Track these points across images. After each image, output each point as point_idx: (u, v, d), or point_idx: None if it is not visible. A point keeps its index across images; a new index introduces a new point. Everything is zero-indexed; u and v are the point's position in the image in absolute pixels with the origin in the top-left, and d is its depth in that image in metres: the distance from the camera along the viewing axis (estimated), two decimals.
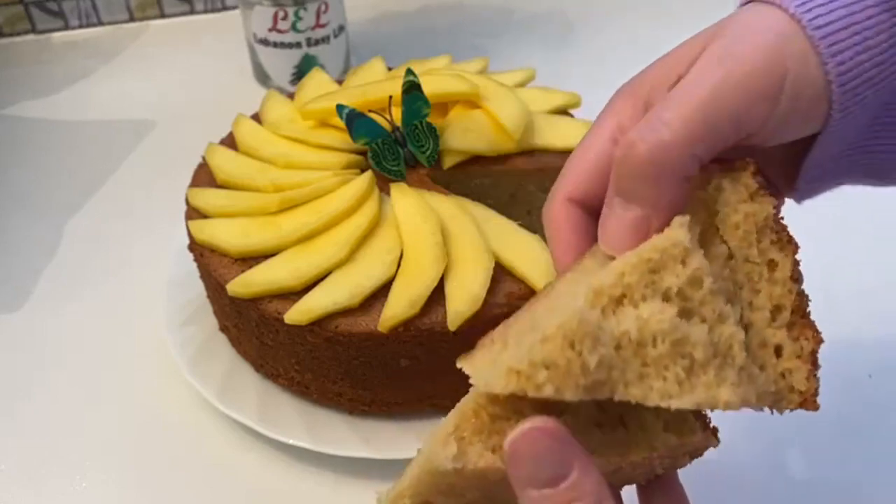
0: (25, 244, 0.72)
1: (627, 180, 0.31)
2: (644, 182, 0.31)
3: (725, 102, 0.30)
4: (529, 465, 0.28)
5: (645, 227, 0.31)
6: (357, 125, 0.57)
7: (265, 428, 0.53)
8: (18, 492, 0.53)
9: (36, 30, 1.01)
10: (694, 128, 0.30)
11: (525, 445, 0.28)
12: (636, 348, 0.29)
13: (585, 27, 1.02)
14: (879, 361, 0.59)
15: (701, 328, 0.29)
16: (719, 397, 0.29)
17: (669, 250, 0.29)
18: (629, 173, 0.31)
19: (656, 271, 0.29)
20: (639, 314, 0.29)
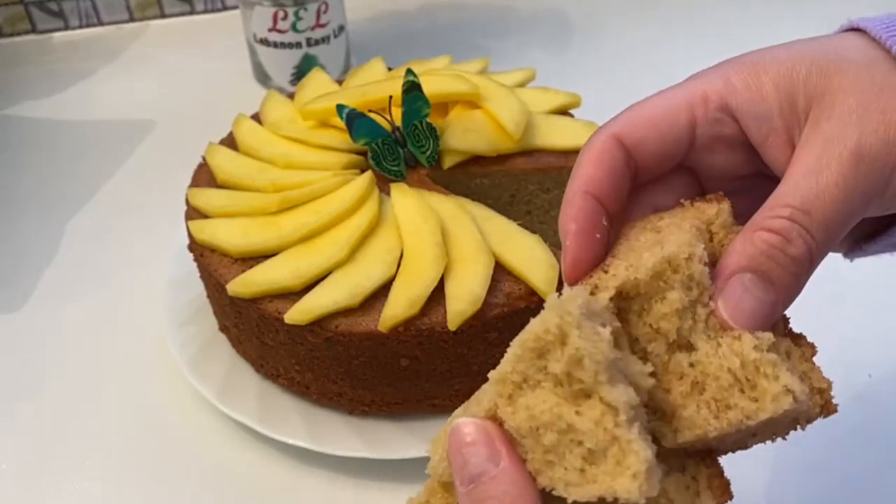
0: (26, 244, 0.72)
1: (776, 268, 0.31)
2: (791, 276, 0.31)
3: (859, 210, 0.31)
4: (464, 452, 0.29)
5: (772, 312, 0.31)
6: (357, 125, 0.57)
7: (265, 428, 0.53)
8: (18, 492, 0.53)
9: (36, 30, 1.01)
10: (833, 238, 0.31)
11: (462, 433, 0.29)
12: (535, 437, 0.28)
13: (585, 27, 1.02)
14: (879, 361, 0.59)
15: (593, 412, 0.28)
16: (617, 488, 0.27)
17: (543, 337, 0.28)
18: (782, 264, 0.31)
19: (542, 356, 0.28)
20: (529, 403, 0.28)
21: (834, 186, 0.31)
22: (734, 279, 0.31)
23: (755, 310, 0.31)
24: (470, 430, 0.30)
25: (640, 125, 0.34)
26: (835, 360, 0.59)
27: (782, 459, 0.53)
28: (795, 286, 0.32)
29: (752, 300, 0.31)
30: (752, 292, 0.31)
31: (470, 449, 0.29)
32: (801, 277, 0.31)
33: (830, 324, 0.61)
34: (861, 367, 0.58)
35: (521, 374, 0.28)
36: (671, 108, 0.34)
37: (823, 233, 0.31)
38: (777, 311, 0.31)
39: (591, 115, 0.64)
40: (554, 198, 0.63)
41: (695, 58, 1.05)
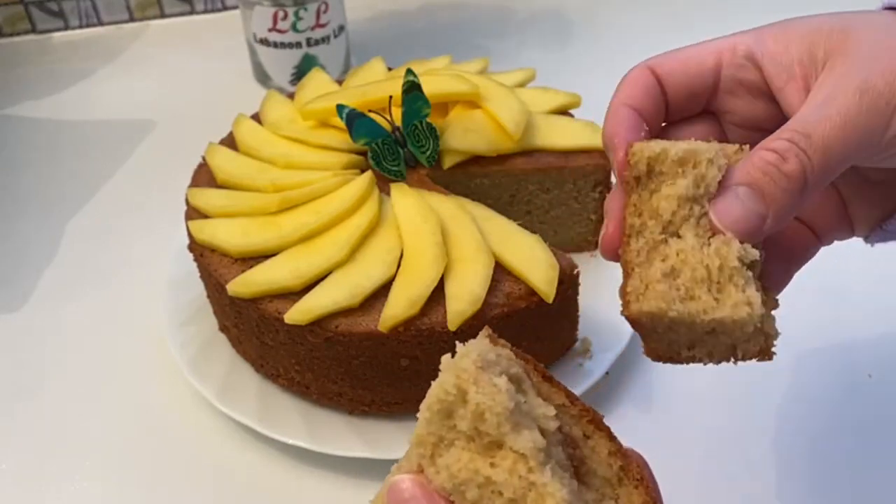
0: (26, 244, 0.72)
1: (770, 183, 0.33)
2: (783, 192, 0.33)
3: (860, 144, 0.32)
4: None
5: (759, 224, 0.33)
6: (357, 125, 0.57)
7: (265, 428, 0.53)
8: (18, 492, 0.53)
9: (36, 30, 1.01)
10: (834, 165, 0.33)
11: (401, 491, 0.30)
12: (460, 495, 0.29)
13: (585, 27, 1.02)
14: (879, 361, 0.59)
15: (506, 462, 0.28)
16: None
17: (445, 398, 0.29)
18: (775, 180, 0.33)
19: (449, 416, 0.29)
20: (447, 462, 0.29)
21: (836, 115, 0.32)
22: (731, 188, 0.34)
23: (743, 217, 0.33)
24: (407, 485, 0.30)
25: (671, 62, 0.37)
26: (835, 359, 0.59)
27: (782, 458, 0.53)
28: (786, 203, 0.33)
29: (742, 208, 0.33)
30: (744, 201, 0.33)
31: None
32: (792, 196, 0.33)
33: (830, 324, 0.62)
34: (861, 367, 0.58)
35: (434, 435, 0.29)
36: (701, 52, 0.38)
37: (821, 156, 0.32)
38: (765, 225, 0.33)
39: (591, 115, 0.64)
40: (554, 198, 0.63)
41: None
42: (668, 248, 0.34)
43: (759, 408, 0.56)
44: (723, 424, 0.55)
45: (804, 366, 0.59)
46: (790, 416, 0.56)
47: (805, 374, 0.58)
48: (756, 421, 0.56)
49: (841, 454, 0.53)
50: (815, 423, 0.55)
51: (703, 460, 0.53)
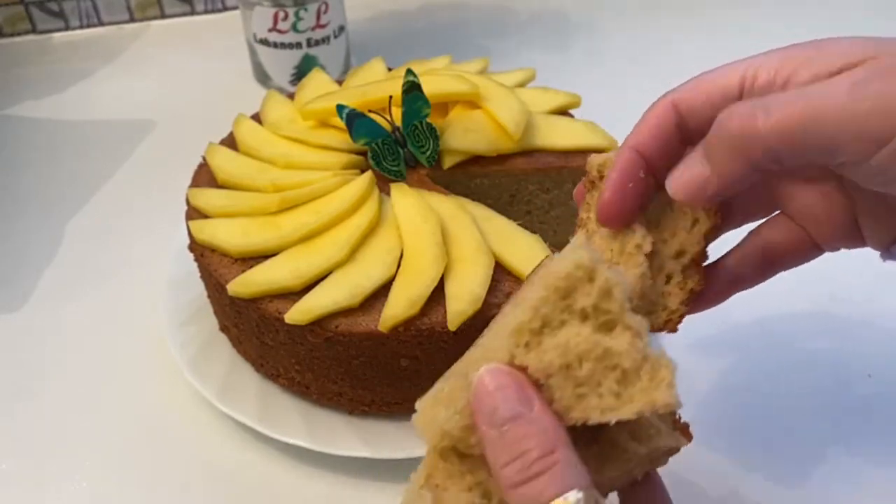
0: (26, 244, 0.72)
1: (715, 140, 0.33)
2: (722, 150, 0.33)
3: (827, 128, 0.31)
4: (492, 396, 0.30)
5: (703, 185, 0.33)
6: (357, 125, 0.57)
7: (265, 428, 0.53)
8: (18, 492, 0.53)
9: (36, 30, 1.01)
10: (786, 132, 0.31)
11: (490, 379, 0.30)
12: (565, 373, 0.30)
13: (585, 27, 1.02)
14: (879, 361, 0.59)
15: (623, 336, 0.30)
16: (657, 400, 0.30)
17: (574, 274, 0.30)
18: (718, 135, 0.33)
19: (567, 296, 0.31)
20: (558, 341, 0.30)
21: (814, 96, 0.31)
22: (690, 152, 0.34)
23: (688, 181, 0.34)
24: (498, 375, 0.30)
25: (694, 95, 0.37)
26: (835, 360, 0.59)
27: (782, 459, 0.53)
28: (728, 163, 0.33)
29: (688, 172, 0.34)
30: (690, 164, 0.34)
31: (500, 394, 0.30)
32: (733, 157, 0.32)
33: (830, 324, 0.62)
34: (861, 367, 0.58)
35: (541, 318, 0.30)
36: (724, 79, 0.36)
37: (775, 122, 0.31)
38: (709, 185, 0.33)
39: (591, 115, 0.64)
40: (554, 198, 0.63)
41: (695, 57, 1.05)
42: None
43: (758, 408, 0.56)
44: (722, 424, 0.55)
45: (804, 366, 0.59)
46: (789, 416, 0.56)
47: (805, 374, 0.58)
48: (755, 421, 0.56)
49: (841, 454, 0.53)
50: (814, 423, 0.55)
51: (701, 460, 0.53)
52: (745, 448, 0.54)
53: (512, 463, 0.29)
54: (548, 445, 0.29)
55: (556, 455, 0.29)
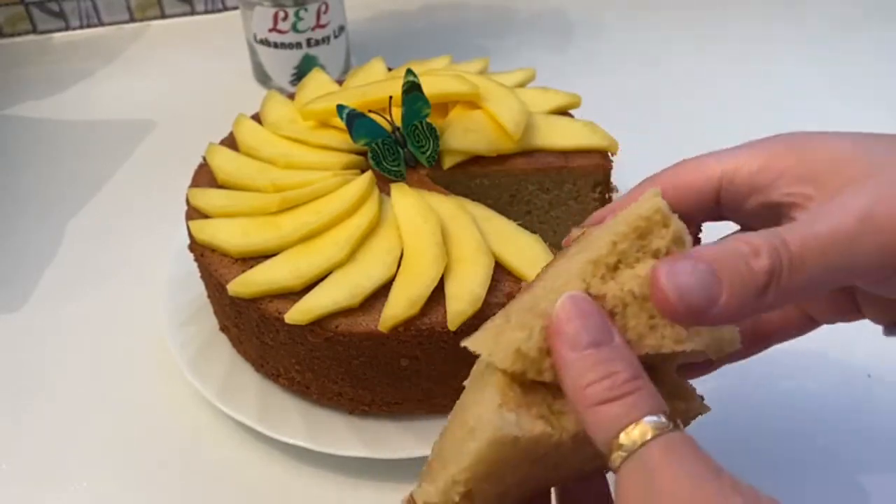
0: (26, 244, 0.72)
1: (733, 273, 0.30)
2: (743, 287, 0.30)
3: (845, 268, 0.30)
4: (576, 321, 0.30)
5: (709, 308, 0.30)
6: (357, 125, 0.57)
7: (265, 428, 0.53)
8: (18, 492, 0.53)
9: (37, 30, 1.01)
10: (806, 281, 0.30)
11: (573, 305, 0.31)
12: (641, 303, 0.32)
13: (585, 27, 1.02)
14: (879, 361, 0.59)
15: None
16: (724, 335, 0.33)
17: (653, 217, 0.33)
18: (739, 272, 0.30)
19: (644, 236, 0.33)
20: (636, 273, 0.32)
21: (825, 233, 0.30)
22: (691, 259, 0.31)
23: (688, 293, 0.30)
24: (581, 303, 0.31)
25: (675, 186, 0.36)
26: (834, 360, 0.59)
27: (781, 459, 0.53)
28: (742, 299, 0.30)
29: (694, 279, 0.30)
30: (698, 278, 0.30)
31: (584, 320, 0.30)
32: (751, 294, 0.30)
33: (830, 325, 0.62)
34: (861, 367, 0.58)
35: (619, 254, 0.33)
36: (707, 173, 0.36)
37: (796, 267, 0.30)
38: (710, 312, 0.30)
39: (591, 115, 0.64)
40: (554, 198, 0.63)
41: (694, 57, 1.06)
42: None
43: (757, 408, 0.56)
44: (721, 424, 0.55)
45: (804, 366, 0.59)
46: (789, 417, 0.56)
47: (805, 374, 0.58)
48: (755, 421, 0.56)
49: (840, 454, 0.53)
50: (814, 423, 0.55)
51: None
52: (744, 448, 0.54)
53: (599, 381, 0.29)
54: (635, 371, 0.30)
55: (641, 381, 0.30)
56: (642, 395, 0.29)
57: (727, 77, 0.92)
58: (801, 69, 0.93)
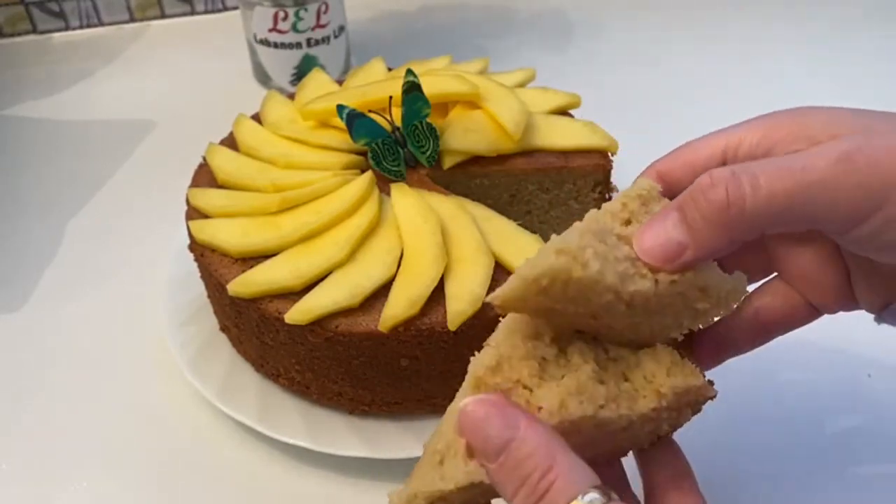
0: (26, 244, 0.72)
1: (693, 207, 0.32)
2: (704, 220, 0.31)
3: (814, 202, 0.30)
4: (480, 427, 0.30)
5: (680, 252, 0.32)
6: (357, 125, 0.57)
7: (265, 428, 0.53)
8: (18, 492, 0.53)
9: (37, 30, 1.01)
10: (773, 208, 0.31)
11: (473, 412, 0.30)
12: None
13: (585, 27, 1.02)
14: (879, 361, 0.59)
15: None
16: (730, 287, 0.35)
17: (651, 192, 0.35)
18: (699, 203, 0.32)
19: (647, 203, 0.35)
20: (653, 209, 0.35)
21: (799, 169, 0.30)
22: (662, 212, 0.33)
23: (661, 244, 0.32)
24: (475, 407, 0.30)
25: (678, 166, 0.37)
26: (835, 360, 0.59)
27: (781, 458, 0.53)
28: (708, 235, 0.31)
29: (662, 234, 0.32)
30: (665, 226, 0.32)
31: (485, 424, 0.30)
32: (713, 227, 0.31)
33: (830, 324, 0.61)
34: (861, 367, 0.58)
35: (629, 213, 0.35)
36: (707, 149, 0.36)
37: (761, 197, 0.31)
38: (685, 254, 0.32)
39: (591, 115, 0.64)
40: (554, 198, 0.63)
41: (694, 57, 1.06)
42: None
43: (757, 407, 0.56)
44: (721, 424, 0.55)
45: (804, 365, 0.59)
46: (789, 416, 0.56)
47: (804, 374, 0.58)
48: (754, 421, 0.56)
49: (840, 454, 0.53)
50: (814, 423, 0.55)
51: (700, 460, 0.53)
52: (743, 448, 0.54)
53: (518, 491, 0.29)
54: (545, 461, 0.29)
55: (555, 469, 0.29)
56: (560, 485, 0.29)
57: (727, 77, 0.92)
58: (801, 69, 0.93)
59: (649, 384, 0.35)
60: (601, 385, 0.33)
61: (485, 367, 0.33)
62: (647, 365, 0.35)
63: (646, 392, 0.34)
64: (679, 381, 0.35)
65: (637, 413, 0.34)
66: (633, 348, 0.36)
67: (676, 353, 0.36)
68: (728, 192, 0.31)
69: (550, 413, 0.32)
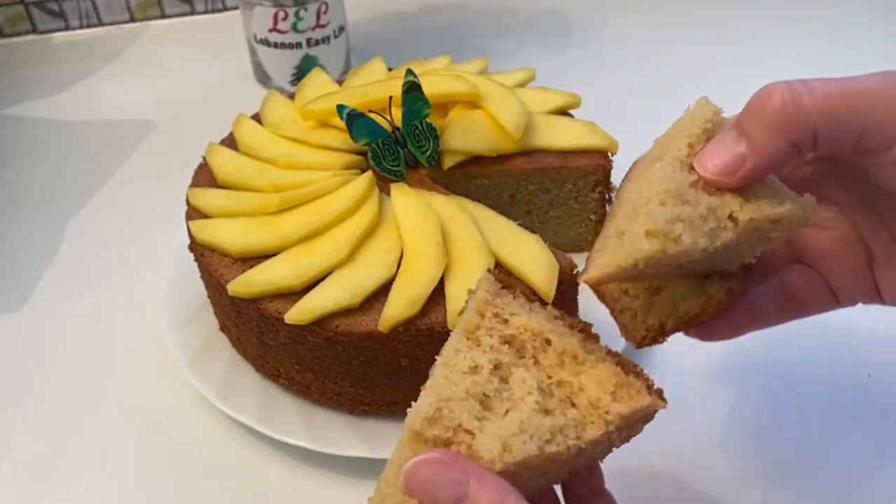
0: (26, 244, 0.72)
1: (750, 118, 0.33)
2: (762, 127, 0.33)
3: (865, 109, 0.32)
4: (429, 488, 0.30)
5: (741, 164, 0.33)
6: (357, 125, 0.57)
7: (265, 428, 0.53)
8: (18, 492, 0.53)
9: (37, 30, 1.01)
10: (829, 110, 0.32)
11: (418, 474, 0.30)
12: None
13: (585, 27, 1.02)
14: (879, 361, 0.59)
15: None
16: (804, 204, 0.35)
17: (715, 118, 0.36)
18: (755, 113, 0.33)
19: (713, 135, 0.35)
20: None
21: (851, 83, 0.32)
22: (721, 135, 0.34)
23: (723, 159, 0.33)
24: (420, 468, 0.30)
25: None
26: (834, 360, 0.59)
27: (779, 458, 0.53)
28: (767, 139, 0.32)
29: (723, 150, 0.33)
30: (725, 142, 0.33)
31: (433, 485, 0.30)
32: (773, 130, 0.32)
33: (830, 324, 0.62)
34: (861, 367, 0.58)
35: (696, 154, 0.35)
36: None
37: (815, 101, 0.32)
38: (746, 166, 0.33)
39: (591, 115, 0.64)
40: (554, 198, 0.63)
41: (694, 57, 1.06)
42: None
43: (757, 407, 0.56)
44: (721, 424, 0.55)
45: (804, 365, 0.59)
46: (789, 417, 0.56)
47: (805, 374, 0.58)
48: (755, 421, 0.56)
49: (840, 454, 0.53)
50: (814, 423, 0.55)
51: (700, 459, 0.53)
52: (744, 448, 0.54)
53: None
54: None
55: None
56: None
57: (727, 77, 0.91)
58: (801, 69, 0.93)
59: (595, 410, 0.34)
60: (546, 417, 0.33)
61: (422, 418, 0.32)
62: (591, 390, 0.34)
63: (593, 418, 0.34)
64: (624, 406, 0.34)
65: (586, 440, 0.33)
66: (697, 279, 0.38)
67: (621, 373, 0.35)
68: (784, 96, 0.32)
69: (492, 461, 0.31)
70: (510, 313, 0.36)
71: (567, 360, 0.35)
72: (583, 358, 0.35)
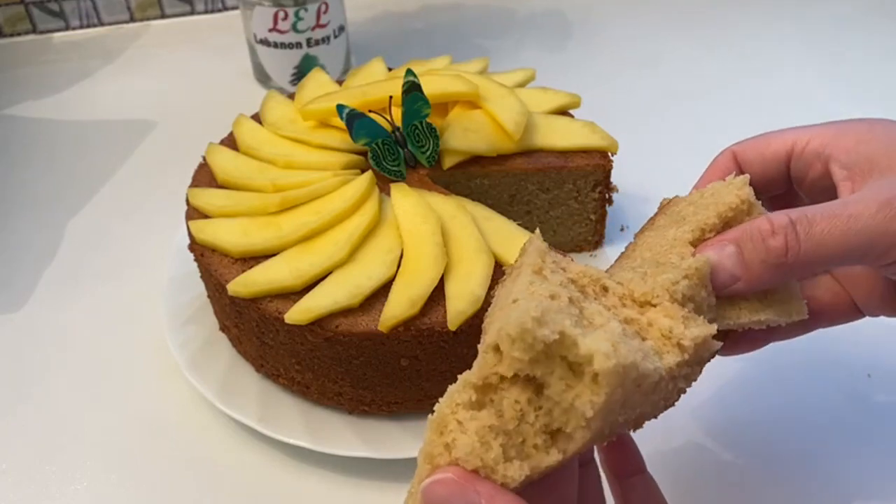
0: (26, 244, 0.72)
1: (751, 250, 0.35)
2: (762, 264, 0.35)
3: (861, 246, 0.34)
4: None
5: (730, 282, 0.36)
6: (357, 125, 0.57)
7: (265, 428, 0.53)
8: (18, 492, 0.53)
9: (37, 30, 1.01)
10: (826, 255, 0.34)
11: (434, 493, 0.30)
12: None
13: (585, 27, 1.02)
14: (879, 361, 0.59)
15: None
16: (792, 307, 0.37)
17: (740, 206, 0.37)
18: (757, 249, 0.35)
19: (730, 224, 0.37)
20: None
21: (846, 217, 0.34)
22: (720, 241, 0.36)
23: (718, 274, 0.36)
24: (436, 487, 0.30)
25: (750, 150, 0.42)
26: (834, 360, 0.59)
27: (778, 458, 0.53)
28: (760, 275, 0.35)
29: (720, 264, 0.36)
30: (721, 255, 0.36)
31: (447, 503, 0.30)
32: (768, 269, 0.35)
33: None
34: (861, 367, 0.58)
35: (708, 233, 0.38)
36: (779, 141, 0.41)
37: (813, 246, 0.34)
38: (735, 285, 0.36)
39: (591, 115, 0.64)
40: (554, 198, 0.63)
41: (694, 58, 1.06)
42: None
43: (757, 408, 0.56)
44: (721, 424, 0.55)
45: (804, 365, 0.59)
46: (789, 416, 0.56)
47: (805, 374, 0.58)
48: (755, 421, 0.56)
49: (840, 454, 0.53)
50: (814, 423, 0.55)
51: (701, 459, 0.53)
52: (744, 447, 0.54)
53: None
54: None
55: None
56: None
57: (727, 77, 0.92)
58: (801, 69, 0.93)
59: (668, 340, 0.34)
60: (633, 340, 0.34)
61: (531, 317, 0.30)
62: (661, 322, 0.35)
63: (668, 348, 0.34)
64: (698, 331, 0.35)
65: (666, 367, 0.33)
66: None
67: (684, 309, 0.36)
68: (787, 241, 0.34)
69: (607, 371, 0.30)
70: (566, 263, 0.37)
71: (629, 303, 0.36)
72: (643, 301, 0.36)
